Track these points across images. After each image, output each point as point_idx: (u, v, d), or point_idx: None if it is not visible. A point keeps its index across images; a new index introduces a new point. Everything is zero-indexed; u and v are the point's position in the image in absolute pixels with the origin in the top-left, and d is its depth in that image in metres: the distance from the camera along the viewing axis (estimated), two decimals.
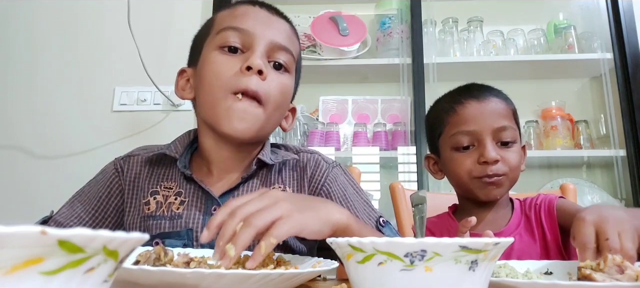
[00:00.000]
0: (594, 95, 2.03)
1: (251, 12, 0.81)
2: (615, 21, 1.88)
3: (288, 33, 0.83)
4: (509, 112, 0.98)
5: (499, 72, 1.92)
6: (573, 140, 1.90)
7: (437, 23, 2.05)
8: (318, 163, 0.86)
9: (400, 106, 1.97)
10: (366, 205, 0.85)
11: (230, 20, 0.80)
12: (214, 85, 0.76)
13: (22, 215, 1.81)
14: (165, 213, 0.79)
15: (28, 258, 0.22)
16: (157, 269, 0.41)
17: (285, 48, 0.80)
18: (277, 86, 0.79)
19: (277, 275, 0.45)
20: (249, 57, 0.76)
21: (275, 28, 0.81)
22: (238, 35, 0.78)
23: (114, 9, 1.88)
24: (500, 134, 0.94)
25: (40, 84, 1.95)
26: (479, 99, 0.97)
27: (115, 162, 0.88)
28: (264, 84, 0.76)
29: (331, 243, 0.42)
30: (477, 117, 0.95)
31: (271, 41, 0.79)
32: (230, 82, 0.75)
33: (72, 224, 0.81)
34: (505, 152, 0.94)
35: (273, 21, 0.82)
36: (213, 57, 0.78)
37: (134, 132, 1.87)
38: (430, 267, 0.36)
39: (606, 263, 0.46)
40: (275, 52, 0.80)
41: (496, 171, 0.92)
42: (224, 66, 0.76)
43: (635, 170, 1.74)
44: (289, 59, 0.81)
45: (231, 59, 0.77)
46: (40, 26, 2.00)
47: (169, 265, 0.50)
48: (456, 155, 0.96)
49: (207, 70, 0.78)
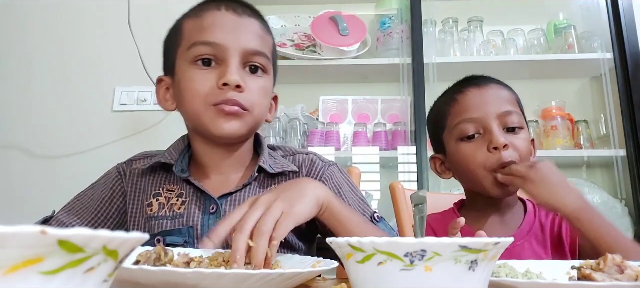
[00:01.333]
0: (594, 95, 2.03)
1: (219, 20, 0.80)
2: (616, 21, 1.88)
3: (259, 33, 0.82)
4: (512, 99, 0.93)
5: (499, 72, 1.89)
6: (573, 140, 1.90)
7: (437, 23, 2.05)
8: (313, 162, 0.87)
9: (401, 106, 1.97)
10: (361, 202, 0.85)
11: (199, 33, 0.79)
12: (193, 102, 0.78)
13: (22, 215, 1.81)
14: (168, 213, 0.80)
15: (28, 258, 0.22)
16: (157, 269, 0.42)
17: (259, 52, 0.80)
18: (257, 92, 0.79)
19: (277, 275, 0.45)
20: (225, 73, 0.76)
21: (246, 32, 0.80)
22: (209, 49, 0.77)
23: (114, 9, 1.88)
24: (506, 119, 0.88)
25: (40, 84, 1.95)
26: (480, 85, 0.93)
27: (118, 166, 0.89)
28: (244, 95, 0.77)
29: (331, 243, 0.42)
30: (480, 104, 0.90)
31: (244, 49, 0.78)
32: (209, 98, 0.76)
33: (74, 224, 0.81)
34: (513, 138, 0.88)
35: (242, 25, 0.80)
36: (189, 74, 0.78)
37: (134, 132, 1.87)
38: (430, 267, 0.36)
39: (606, 263, 0.46)
40: (249, 58, 0.79)
41: (509, 159, 0.86)
42: (201, 83, 0.77)
43: (635, 170, 1.74)
44: (264, 60, 0.81)
45: (207, 75, 0.77)
46: (40, 26, 2.00)
47: (169, 265, 0.50)
48: (463, 146, 0.90)
49: (184, 88, 0.79)
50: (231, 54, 0.77)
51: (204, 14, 0.81)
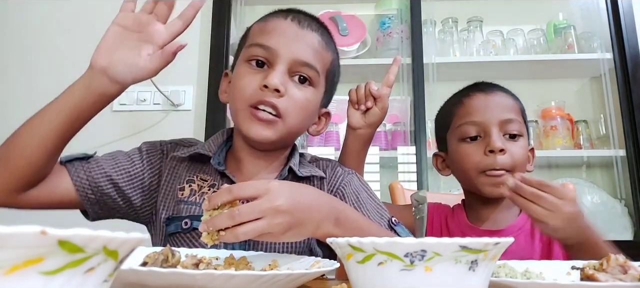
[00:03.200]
0: (594, 95, 2.03)
1: (280, 27, 0.83)
2: (615, 21, 1.88)
3: (315, 46, 0.84)
4: (516, 108, 0.98)
5: (499, 72, 1.92)
6: (573, 140, 1.90)
7: (437, 23, 2.05)
8: (334, 168, 0.90)
9: (400, 106, 1.97)
10: (379, 208, 0.87)
11: (259, 35, 0.84)
12: (237, 98, 0.82)
13: (22, 215, 1.81)
14: (198, 200, 0.83)
15: (28, 258, 0.22)
16: (167, 271, 0.42)
17: (308, 64, 0.82)
18: (297, 101, 0.81)
19: (285, 275, 0.46)
20: (268, 75, 0.79)
21: (301, 42, 0.83)
22: (263, 51, 0.81)
23: (114, 9, 1.87)
24: (506, 126, 0.94)
25: (39, 84, 1.94)
26: (486, 91, 0.99)
27: (162, 144, 0.91)
28: (282, 100, 0.79)
29: (331, 243, 0.43)
30: (484, 109, 0.95)
31: (294, 59, 0.81)
32: (249, 98, 0.80)
33: (114, 174, 0.82)
34: (511, 144, 0.93)
35: (300, 35, 0.83)
36: (240, 71, 0.83)
37: (133, 131, 1.87)
38: (430, 267, 0.36)
39: (609, 263, 0.46)
40: (298, 67, 0.82)
41: (503, 163, 0.90)
42: (247, 81, 0.81)
43: (634, 170, 1.75)
44: (312, 73, 0.83)
45: (255, 75, 0.81)
46: (39, 25, 2.00)
47: (178, 266, 0.51)
48: (463, 146, 0.96)
49: (234, 84, 0.84)
50: (280, 60, 0.80)
51: (270, 20, 0.86)
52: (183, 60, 2.04)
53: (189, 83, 1.91)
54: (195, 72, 1.92)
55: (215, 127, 1.78)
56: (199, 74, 1.92)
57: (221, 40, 1.91)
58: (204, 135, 1.79)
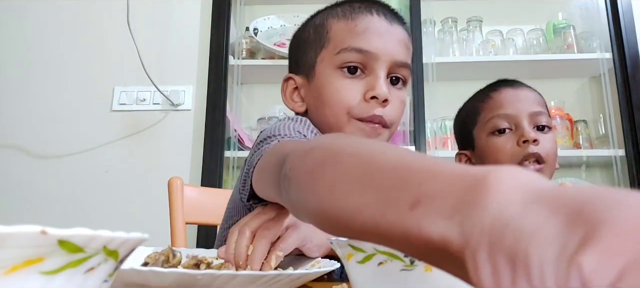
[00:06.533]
0: (593, 95, 2.04)
1: (372, 25, 0.77)
2: (615, 21, 1.88)
3: (405, 43, 0.80)
4: (542, 102, 1.01)
5: (498, 72, 1.90)
6: (572, 140, 1.90)
7: (436, 23, 2.04)
8: None
9: None
10: None
11: (351, 38, 0.76)
12: (337, 111, 0.75)
13: (22, 215, 1.81)
14: None
15: (28, 258, 0.22)
16: (169, 271, 0.42)
17: (405, 64, 0.78)
18: (399, 106, 0.78)
19: (287, 275, 0.46)
20: (374, 85, 0.74)
21: (395, 41, 0.78)
22: (360, 56, 0.75)
23: (114, 9, 1.87)
24: (536, 118, 0.95)
25: (38, 84, 1.94)
26: (514, 86, 1.01)
27: None
28: (388, 110, 0.75)
29: (332, 243, 0.43)
30: (514, 101, 0.97)
31: (393, 60, 0.76)
32: (355, 110, 0.75)
33: None
34: (542, 136, 0.94)
35: (392, 33, 0.78)
36: (334, 81, 0.76)
37: (133, 131, 1.87)
38: (431, 267, 0.36)
39: None
40: (395, 69, 0.78)
41: (538, 151, 0.92)
42: (347, 93, 0.75)
43: (634, 170, 1.75)
44: (407, 72, 0.80)
45: (353, 84, 0.75)
46: (39, 25, 2.00)
47: (179, 266, 0.51)
48: (493, 139, 0.97)
49: (328, 95, 0.76)
50: (380, 65, 0.75)
51: (356, 17, 0.78)
52: (182, 60, 2.04)
53: (188, 83, 1.91)
54: (195, 72, 1.92)
55: (215, 127, 1.78)
56: (199, 73, 1.92)
57: (221, 40, 1.90)
58: (203, 135, 1.79)
